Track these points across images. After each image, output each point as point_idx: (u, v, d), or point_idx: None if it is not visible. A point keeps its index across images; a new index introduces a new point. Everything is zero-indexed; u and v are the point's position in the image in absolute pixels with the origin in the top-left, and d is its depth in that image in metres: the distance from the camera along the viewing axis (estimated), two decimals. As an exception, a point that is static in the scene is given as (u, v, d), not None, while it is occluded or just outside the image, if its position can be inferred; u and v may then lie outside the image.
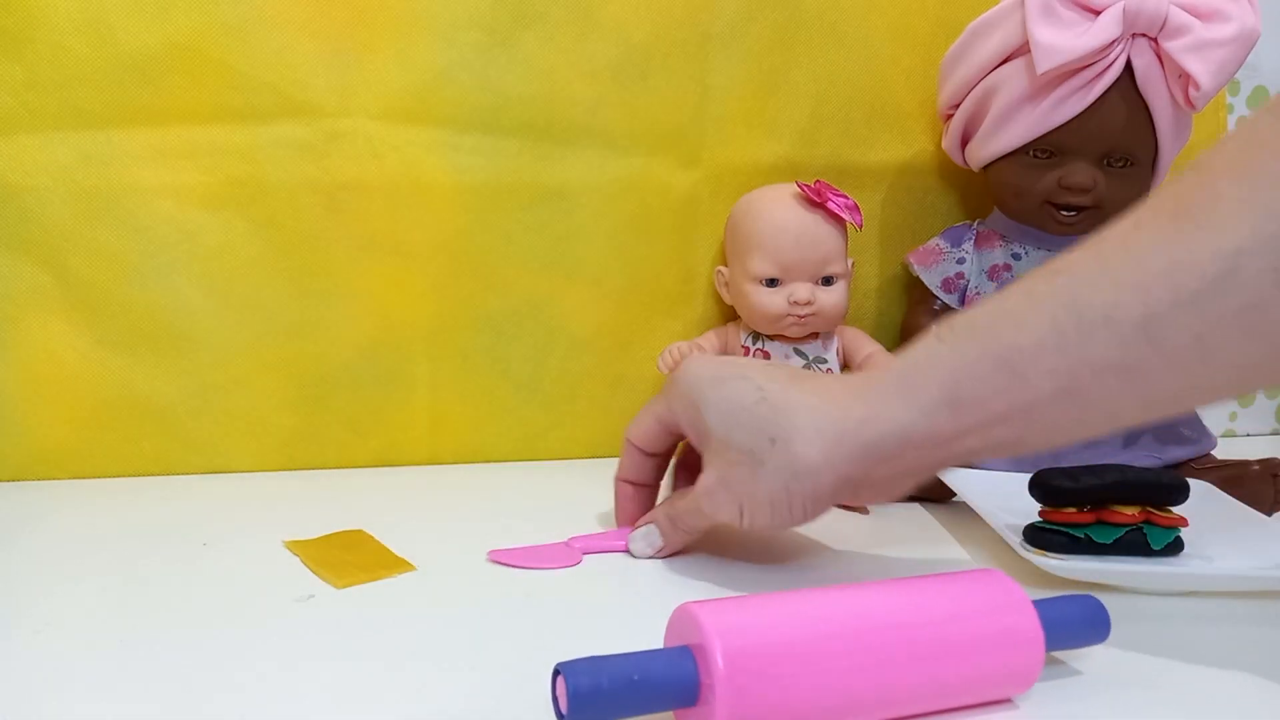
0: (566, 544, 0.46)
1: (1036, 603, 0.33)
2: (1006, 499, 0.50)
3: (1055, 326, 0.33)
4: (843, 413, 0.37)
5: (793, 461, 0.37)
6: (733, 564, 0.45)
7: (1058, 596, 0.35)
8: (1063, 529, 0.45)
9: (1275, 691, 0.35)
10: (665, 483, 0.49)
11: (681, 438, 0.46)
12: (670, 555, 0.45)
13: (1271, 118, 0.32)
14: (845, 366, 0.63)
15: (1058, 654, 0.37)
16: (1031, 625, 0.32)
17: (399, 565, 0.44)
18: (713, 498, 0.40)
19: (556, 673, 0.29)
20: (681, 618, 0.31)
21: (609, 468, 0.48)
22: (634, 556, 0.45)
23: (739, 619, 0.30)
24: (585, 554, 0.46)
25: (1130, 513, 0.44)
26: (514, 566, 0.44)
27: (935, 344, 0.36)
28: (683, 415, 0.42)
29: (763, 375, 0.40)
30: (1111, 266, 0.32)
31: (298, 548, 0.45)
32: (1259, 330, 0.31)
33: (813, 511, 0.39)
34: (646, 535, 0.45)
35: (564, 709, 0.28)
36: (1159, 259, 0.31)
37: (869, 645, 0.31)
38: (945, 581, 0.34)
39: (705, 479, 0.41)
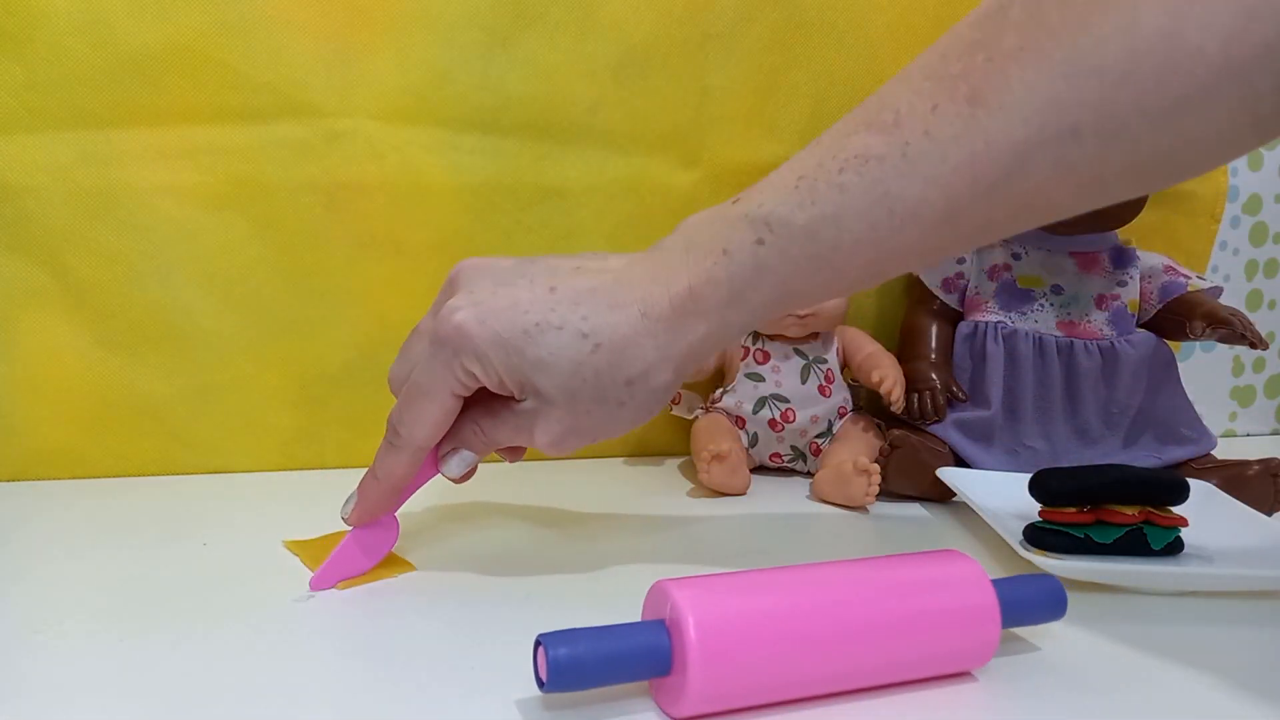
0: (379, 524, 0.43)
1: (995, 581, 0.35)
2: (1006, 499, 0.50)
3: (871, 226, 0.35)
4: (684, 330, 0.38)
5: (653, 390, 0.38)
6: (720, 554, 0.46)
7: (1016, 575, 0.37)
8: (1063, 529, 0.45)
9: (1275, 692, 0.35)
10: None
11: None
12: None
13: (1054, 1, 0.32)
14: (845, 367, 0.63)
15: (1056, 651, 0.37)
16: (989, 601, 0.34)
17: (399, 565, 0.44)
18: (563, 446, 0.40)
19: (538, 644, 0.30)
20: (657, 594, 0.32)
21: (608, 467, 0.48)
22: (448, 476, 0.43)
23: (711, 595, 0.32)
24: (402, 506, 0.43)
25: (1130, 513, 0.44)
26: (341, 583, 0.41)
27: (759, 249, 0.37)
28: (492, 380, 0.38)
29: (568, 308, 0.37)
30: (917, 160, 0.34)
31: (297, 548, 0.45)
32: (1034, 207, 0.35)
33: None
34: (461, 460, 0.42)
35: (544, 677, 0.30)
36: (959, 151, 0.33)
37: (834, 620, 0.32)
38: (908, 560, 0.36)
39: (548, 432, 0.39)
